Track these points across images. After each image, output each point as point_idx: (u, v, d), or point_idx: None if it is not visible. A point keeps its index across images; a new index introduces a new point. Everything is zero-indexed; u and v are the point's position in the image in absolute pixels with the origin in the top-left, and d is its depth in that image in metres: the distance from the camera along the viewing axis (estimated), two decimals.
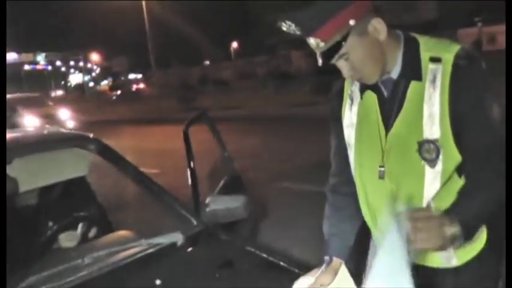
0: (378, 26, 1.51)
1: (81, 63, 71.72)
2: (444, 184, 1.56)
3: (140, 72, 64.01)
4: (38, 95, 23.83)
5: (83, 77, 69.91)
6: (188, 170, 2.66)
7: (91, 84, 75.93)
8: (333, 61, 1.54)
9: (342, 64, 1.55)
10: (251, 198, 3.01)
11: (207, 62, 51.73)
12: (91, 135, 2.66)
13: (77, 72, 78.49)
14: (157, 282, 1.86)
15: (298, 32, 1.51)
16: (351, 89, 1.73)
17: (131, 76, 67.98)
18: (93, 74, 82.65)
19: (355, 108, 1.71)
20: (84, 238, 2.47)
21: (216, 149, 3.26)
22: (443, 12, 41.10)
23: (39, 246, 2.34)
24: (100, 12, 49.36)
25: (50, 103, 22.55)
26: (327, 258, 1.77)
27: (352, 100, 1.73)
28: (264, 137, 11.72)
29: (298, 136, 10.99)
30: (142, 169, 2.65)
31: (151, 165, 8.88)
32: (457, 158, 1.54)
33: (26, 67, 69.13)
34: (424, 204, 1.58)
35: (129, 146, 12.60)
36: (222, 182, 3.10)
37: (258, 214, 2.59)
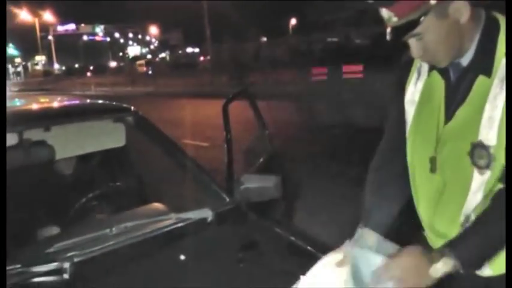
0: (461, 9, 1.36)
1: (139, 36, 72.95)
2: (485, 197, 1.42)
3: (197, 47, 64.49)
4: None
5: (141, 49, 71.11)
6: (225, 146, 2.65)
7: (149, 56, 77.24)
8: (404, 39, 1.40)
9: (413, 43, 1.42)
10: (288, 178, 2.99)
11: (264, 39, 51.44)
12: (131, 108, 2.70)
13: (135, 44, 79.99)
14: (182, 256, 1.87)
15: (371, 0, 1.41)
16: (421, 63, 1.58)
17: (189, 50, 68.63)
18: (151, 47, 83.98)
19: (420, 85, 1.58)
20: (117, 208, 2.51)
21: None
22: None
23: (73, 213, 2.40)
24: None
25: None
26: (359, 229, 1.58)
27: (419, 75, 1.59)
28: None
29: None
30: (193, 142, 2.66)
31: (202, 138, 9.00)
32: (502, 171, 1.38)
33: (85, 38, 70.93)
34: (462, 214, 1.47)
35: (182, 119, 12.84)
36: (260, 161, 3.09)
37: (293, 195, 2.55)
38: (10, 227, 2.46)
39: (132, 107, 2.70)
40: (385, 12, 1.39)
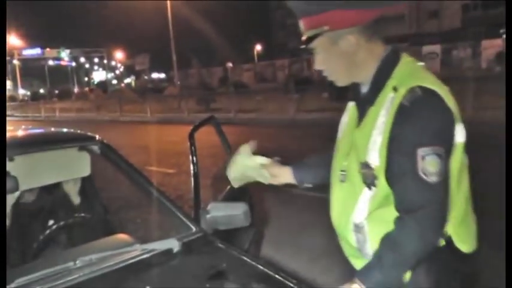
0: (353, 44, 1.60)
1: (105, 61, 72.49)
2: (378, 208, 1.61)
3: (163, 72, 64.40)
4: None
5: (106, 74, 70.61)
6: (192, 175, 2.63)
7: (114, 81, 76.63)
8: (307, 48, 1.65)
9: (316, 57, 1.68)
10: (257, 205, 2.98)
11: (230, 64, 51.84)
12: (96, 136, 2.66)
13: (100, 69, 79.36)
14: None
15: (294, 11, 1.64)
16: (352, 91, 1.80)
17: (154, 75, 68.42)
18: (117, 72, 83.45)
19: (348, 110, 1.82)
20: (82, 239, 2.45)
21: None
22: (467, 22, 40.62)
23: (37, 246, 2.33)
24: (124, 11, 49.79)
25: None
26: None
27: (349, 103, 1.83)
28: (279, 142, 11.67)
29: (310, 142, 10.92)
30: (159, 169, 2.63)
31: (168, 165, 8.93)
32: (387, 188, 1.58)
33: (50, 63, 70.06)
34: (351, 220, 1.68)
35: (147, 145, 12.73)
36: (227, 188, 3.07)
37: (262, 222, 2.54)
38: None
39: (97, 136, 2.66)
40: (300, 23, 1.65)
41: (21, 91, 57.57)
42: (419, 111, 1.49)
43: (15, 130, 2.78)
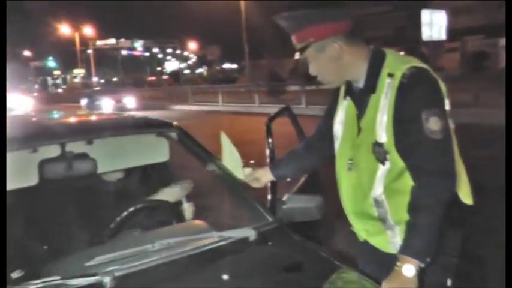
0: (337, 49, 1.86)
1: (177, 51, 74.06)
2: (393, 181, 1.86)
3: (235, 62, 65.04)
4: None
5: (179, 64, 72.17)
6: (268, 164, 2.60)
7: (186, 71, 78.18)
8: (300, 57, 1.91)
9: (310, 65, 1.94)
10: (328, 198, 2.92)
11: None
12: (174, 123, 2.69)
13: (173, 59, 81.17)
14: (223, 276, 1.83)
15: (284, 27, 1.91)
16: (342, 91, 2.08)
17: (226, 65, 69.24)
18: (189, 62, 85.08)
19: (343, 107, 2.06)
20: (158, 223, 2.49)
21: None
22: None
23: (115, 226, 2.38)
24: (197, 2, 50.60)
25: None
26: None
27: (342, 101, 2.07)
28: None
29: None
30: None
31: (241, 154, 8.89)
32: (399, 161, 1.82)
33: (124, 53, 72.45)
34: (371, 195, 1.92)
35: (218, 135, 12.84)
36: (301, 180, 3.04)
37: (336, 216, 2.48)
38: (50, 238, 2.49)
39: (175, 122, 2.69)
40: (291, 37, 1.91)
41: (95, 79, 59.99)
42: (417, 83, 1.77)
43: (93, 115, 2.87)
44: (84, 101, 28.71)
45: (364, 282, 1.86)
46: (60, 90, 63.81)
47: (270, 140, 2.67)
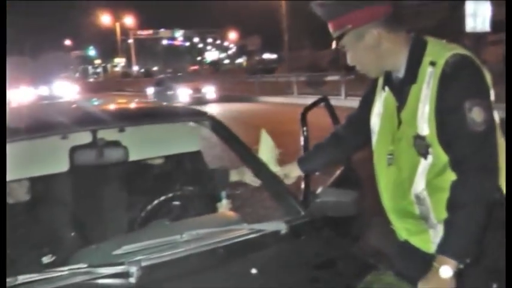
0: (376, 37, 1.78)
1: (218, 41, 74.35)
2: (436, 176, 1.76)
3: (274, 53, 64.87)
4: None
5: (219, 54, 72.40)
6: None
7: (226, 61, 78.41)
8: (340, 48, 1.85)
9: (347, 54, 1.87)
10: (365, 193, 2.82)
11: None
12: (207, 112, 2.64)
13: (213, 49, 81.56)
14: (253, 269, 1.77)
15: (320, 16, 1.82)
16: (380, 82, 1.97)
17: (265, 56, 69.12)
18: (229, 52, 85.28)
19: (381, 100, 1.96)
20: (188, 213, 2.45)
21: None
22: None
23: (145, 215, 2.36)
24: None
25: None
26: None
27: (380, 92, 1.98)
28: None
29: None
30: None
31: (278, 145, 8.84)
32: (443, 155, 1.72)
33: (164, 42, 73.30)
34: (412, 191, 1.82)
35: (254, 125, 12.84)
36: (336, 173, 2.95)
37: (371, 212, 2.39)
38: (79, 225, 2.49)
39: (208, 112, 2.64)
40: (328, 26, 1.84)
41: (135, 68, 60.92)
42: (461, 72, 1.67)
43: (126, 103, 2.85)
44: (150, 90, 25.09)
45: (402, 284, 1.77)
46: (97, 78, 65.14)
47: (304, 129, 2.59)
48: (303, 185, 2.44)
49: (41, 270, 1.74)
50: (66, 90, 28.09)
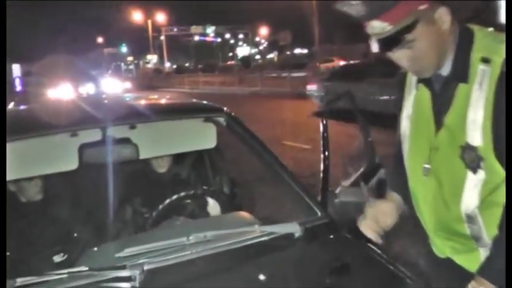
0: (443, 15, 1.45)
1: (249, 37, 74.38)
2: (491, 193, 1.49)
3: (305, 48, 64.53)
4: None
5: (250, 49, 72.49)
6: (321, 154, 2.41)
7: (257, 57, 78.35)
8: (395, 49, 1.46)
9: (401, 54, 1.48)
10: None
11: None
12: (224, 108, 2.54)
13: (244, 45, 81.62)
14: (260, 275, 1.67)
15: (362, 13, 1.44)
16: (411, 79, 1.68)
17: (296, 51, 68.78)
18: (260, 48, 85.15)
19: (411, 99, 1.68)
20: (199, 212, 2.37)
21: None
22: None
23: (157, 214, 2.28)
24: None
25: None
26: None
27: (410, 91, 1.69)
28: None
29: None
30: (295, 144, 2.47)
31: (304, 140, 8.77)
32: (499, 170, 1.45)
33: (196, 38, 73.84)
34: (462, 210, 1.54)
35: (284, 120, 12.73)
36: (360, 171, 2.82)
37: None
38: (90, 224, 2.43)
39: (225, 108, 2.54)
40: (377, 23, 1.43)
41: (167, 64, 61.49)
42: None
43: (138, 99, 2.77)
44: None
45: None
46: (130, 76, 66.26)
47: (324, 123, 2.48)
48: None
49: (52, 269, 1.68)
50: (115, 87, 28.14)
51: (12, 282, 1.56)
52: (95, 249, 1.94)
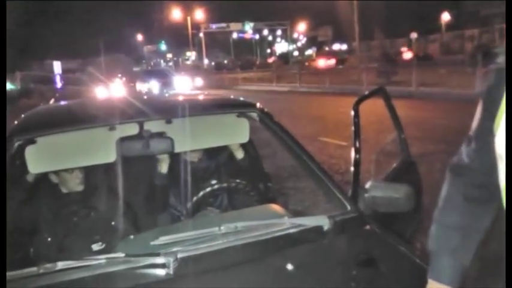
0: None
1: (287, 33, 74.18)
2: None
3: (345, 43, 63.97)
4: None
5: (288, 46, 72.32)
6: (353, 148, 2.43)
7: (295, 53, 78.07)
8: None
9: None
10: (422, 189, 2.68)
11: (414, 35, 49.22)
12: (257, 104, 2.60)
13: (283, 41, 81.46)
14: (289, 266, 1.71)
15: None
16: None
17: (335, 46, 68.22)
18: (299, 44, 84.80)
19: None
20: (231, 204, 2.43)
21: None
22: None
23: (192, 206, 2.35)
24: None
25: None
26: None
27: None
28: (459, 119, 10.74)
29: None
30: (332, 140, 2.51)
31: (342, 137, 8.75)
32: None
33: (234, 35, 74.13)
34: None
35: (322, 116, 12.70)
36: (392, 167, 2.82)
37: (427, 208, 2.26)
38: (120, 216, 2.53)
39: (258, 103, 2.60)
40: None
41: (206, 61, 62.01)
42: None
43: (174, 95, 2.85)
44: None
45: None
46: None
47: (356, 120, 2.49)
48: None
49: (91, 255, 1.76)
50: (183, 85, 27.14)
51: (53, 265, 1.65)
52: (132, 237, 2.03)
